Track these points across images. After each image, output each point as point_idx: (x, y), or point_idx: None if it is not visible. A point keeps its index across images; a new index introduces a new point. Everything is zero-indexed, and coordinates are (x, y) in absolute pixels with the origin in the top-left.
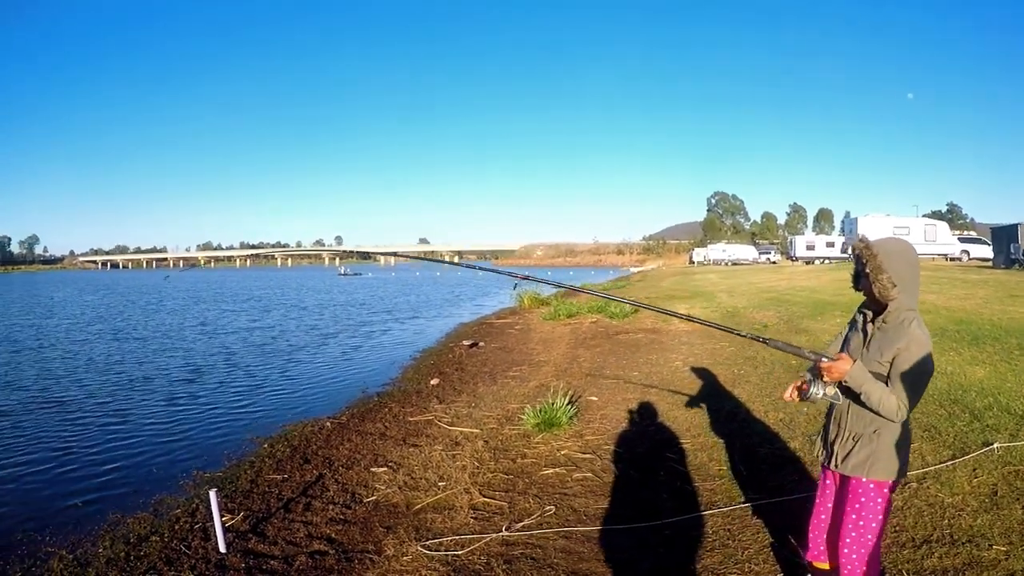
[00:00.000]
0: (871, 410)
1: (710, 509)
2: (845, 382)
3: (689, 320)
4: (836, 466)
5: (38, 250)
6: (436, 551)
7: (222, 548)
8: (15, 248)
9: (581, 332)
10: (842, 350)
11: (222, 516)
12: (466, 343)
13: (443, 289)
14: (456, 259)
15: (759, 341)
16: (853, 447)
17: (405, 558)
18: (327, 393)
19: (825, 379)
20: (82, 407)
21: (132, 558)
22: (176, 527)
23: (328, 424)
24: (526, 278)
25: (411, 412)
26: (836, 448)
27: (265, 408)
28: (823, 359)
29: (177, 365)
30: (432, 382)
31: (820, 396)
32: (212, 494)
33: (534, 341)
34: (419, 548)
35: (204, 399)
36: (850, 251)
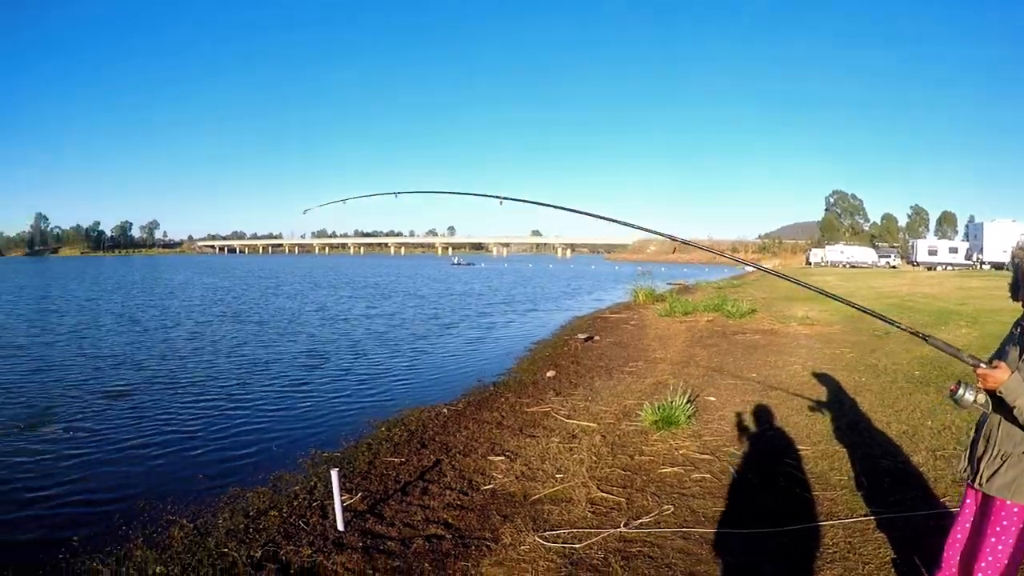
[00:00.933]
0: (1023, 428)
1: (830, 519)
2: (999, 393)
3: (883, 319)
4: (980, 485)
5: (158, 235)
6: (553, 543)
7: (340, 526)
8: (136, 232)
9: (697, 330)
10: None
11: (341, 495)
12: (581, 336)
13: (558, 282)
14: (569, 252)
15: (919, 336)
16: (1000, 466)
17: (523, 547)
18: (443, 381)
19: (978, 385)
20: (205, 386)
21: (251, 531)
22: (295, 503)
23: (445, 411)
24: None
25: (527, 403)
26: (982, 466)
27: (382, 393)
28: (980, 365)
29: (297, 348)
30: (548, 374)
31: (970, 401)
32: (333, 473)
33: (649, 337)
34: (536, 539)
35: (323, 382)
36: (1009, 259)
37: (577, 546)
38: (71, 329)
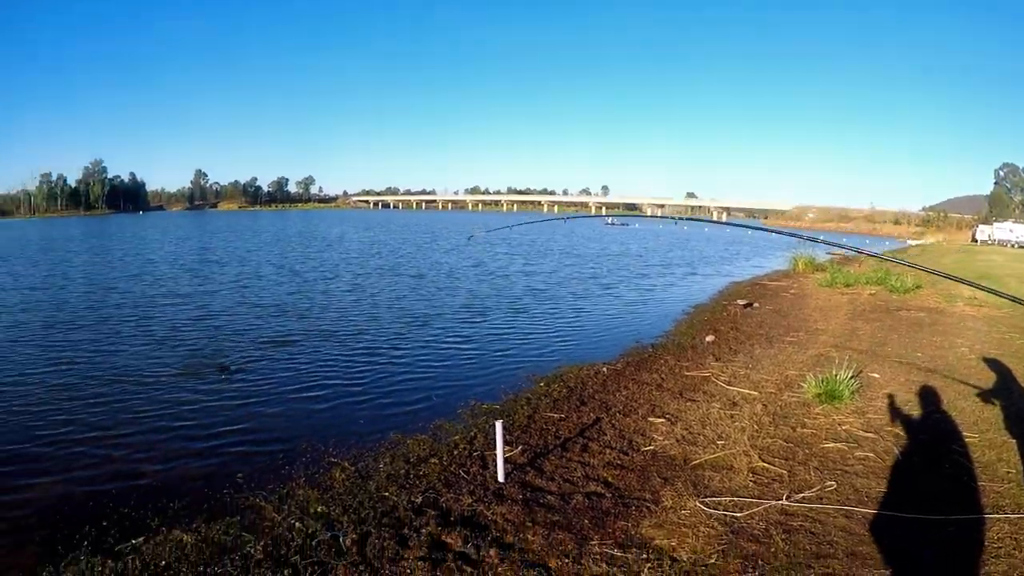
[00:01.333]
0: None
1: (996, 513)
2: None
3: None
4: None
5: (313, 190)
6: (714, 509)
7: (500, 478)
8: (292, 188)
9: (859, 303)
10: None
11: (503, 447)
12: (741, 303)
13: (715, 246)
14: (724, 216)
15: None
16: None
17: (683, 511)
18: (601, 340)
19: None
20: (365, 337)
21: (411, 476)
22: (455, 452)
23: (604, 370)
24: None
25: (687, 367)
26: None
27: (540, 349)
28: None
29: (455, 303)
30: (707, 339)
31: None
32: (498, 425)
33: (810, 308)
34: (698, 504)
35: (481, 336)
36: None
37: (738, 515)
38: (233, 279)
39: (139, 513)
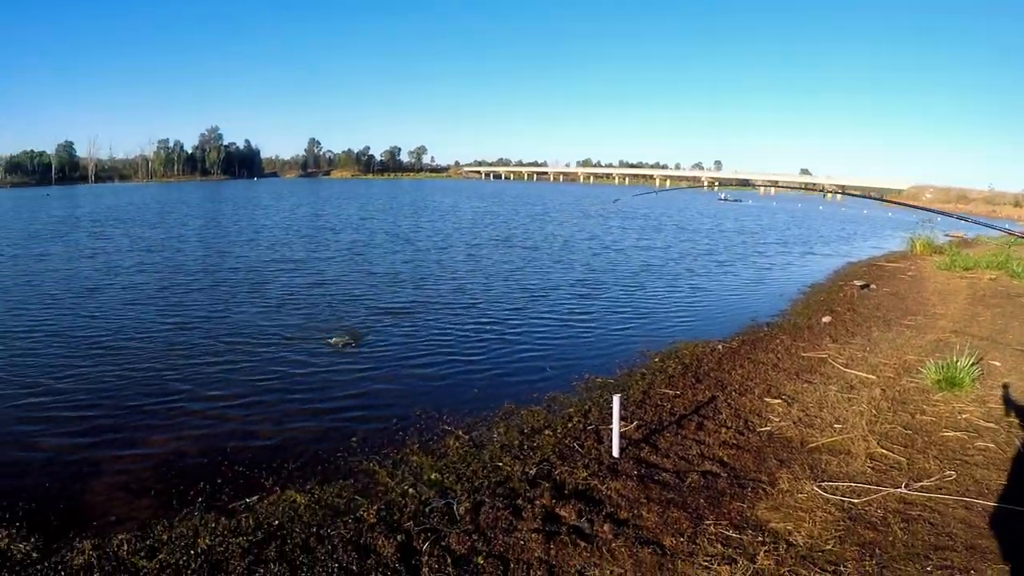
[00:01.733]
0: None
1: None
2: None
3: None
4: None
5: (425, 159)
6: (831, 495)
7: (615, 452)
8: (404, 157)
9: (979, 288)
10: None
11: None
12: (857, 283)
13: (831, 225)
14: (839, 195)
15: None
16: None
17: (800, 495)
18: (716, 317)
19: None
20: (480, 307)
21: (525, 447)
22: (569, 425)
23: (720, 348)
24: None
25: (803, 347)
26: None
27: (655, 324)
28: None
29: (570, 276)
30: (824, 319)
31: None
32: (615, 399)
33: (928, 291)
34: (815, 488)
35: (595, 310)
36: None
37: (856, 501)
38: (347, 247)
39: (253, 472)
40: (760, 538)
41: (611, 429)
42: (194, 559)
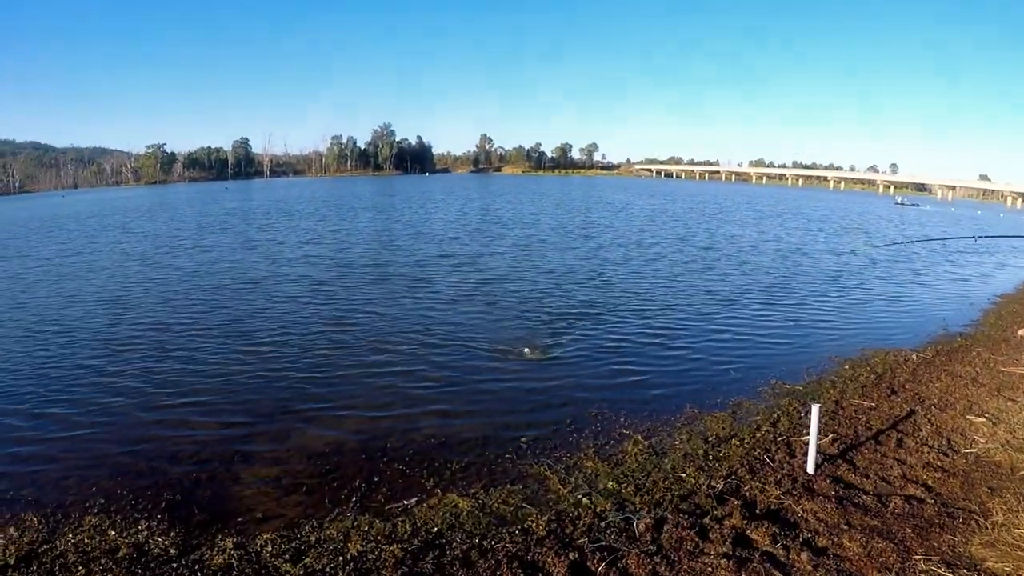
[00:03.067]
0: None
1: None
2: None
3: None
4: None
5: (596, 156)
6: None
7: (810, 469)
8: (575, 154)
9: None
10: None
11: (807, 433)
12: None
13: (1006, 232)
14: (1020, 202)
15: None
16: None
17: (1018, 531)
18: (904, 324)
19: None
20: (662, 307)
21: (711, 458)
22: (757, 435)
23: (914, 357)
24: None
25: (1002, 361)
26: None
27: (843, 330)
28: None
29: (754, 278)
30: (1020, 332)
31: None
32: (815, 409)
33: None
34: None
35: (782, 313)
36: None
37: None
38: (516, 242)
39: (412, 472)
40: None
41: (805, 441)
42: (343, 567)
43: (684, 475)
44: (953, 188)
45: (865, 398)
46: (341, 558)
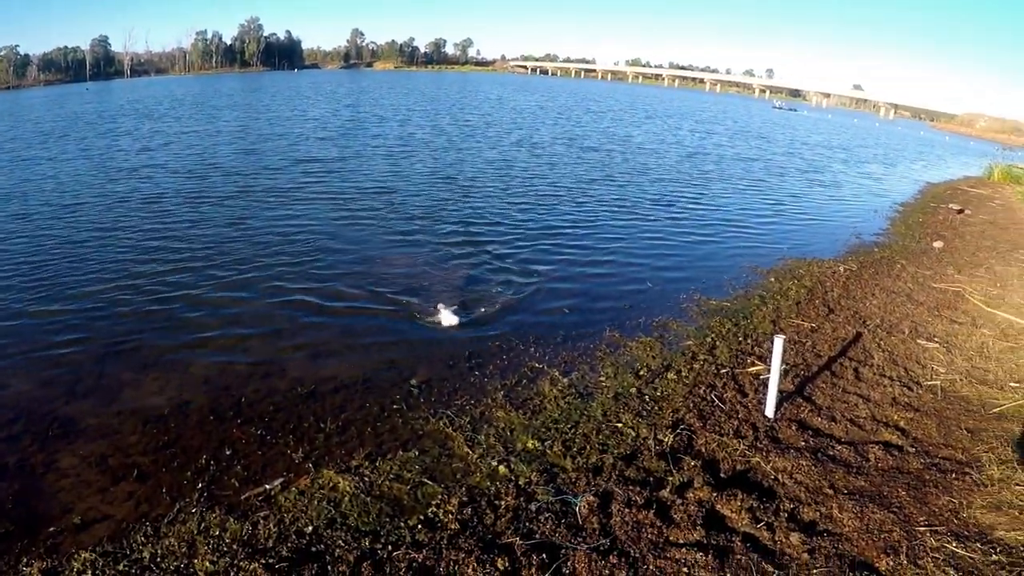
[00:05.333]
0: None
1: None
2: None
3: None
4: None
5: (471, 53)
6: None
7: (769, 412)
8: (449, 50)
9: None
10: None
11: (752, 363)
12: (954, 207)
13: (895, 142)
14: (892, 113)
15: None
16: None
17: (1018, 487)
18: (817, 232)
19: None
20: (559, 214)
21: (648, 399)
22: (695, 366)
23: (841, 269)
24: None
25: (930, 277)
26: None
27: (756, 238)
28: None
29: (652, 182)
30: (935, 244)
31: None
32: (778, 343)
33: None
34: None
35: (689, 219)
36: None
37: None
38: (392, 143)
39: (276, 438)
40: (995, 557)
41: (752, 374)
42: None
43: (621, 425)
44: (828, 96)
45: (803, 317)
46: None
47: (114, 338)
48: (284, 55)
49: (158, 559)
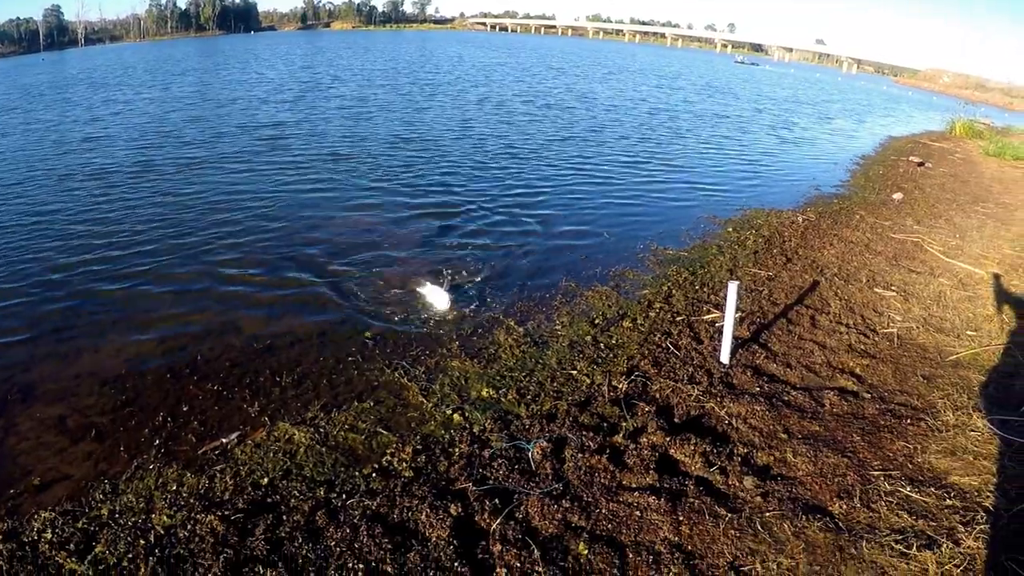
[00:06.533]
0: None
1: None
2: None
3: None
4: None
5: (429, 10)
6: (1010, 435)
7: (725, 358)
8: (407, 8)
9: None
10: None
11: (708, 311)
12: (914, 160)
13: (858, 97)
14: (855, 68)
15: None
16: None
17: (973, 433)
18: (776, 183)
19: None
20: (520, 165)
21: (603, 347)
22: (651, 314)
23: (799, 219)
24: None
25: (888, 227)
26: None
27: (715, 188)
28: None
29: (615, 134)
30: (895, 196)
31: None
32: (732, 288)
33: (986, 177)
34: (987, 424)
35: (648, 170)
36: None
37: None
38: (344, 103)
39: (232, 393)
40: (949, 501)
41: (708, 322)
42: (145, 557)
43: (576, 372)
44: (790, 50)
45: (760, 266)
46: (143, 542)
47: (70, 306)
48: (240, 18)
49: (117, 515)
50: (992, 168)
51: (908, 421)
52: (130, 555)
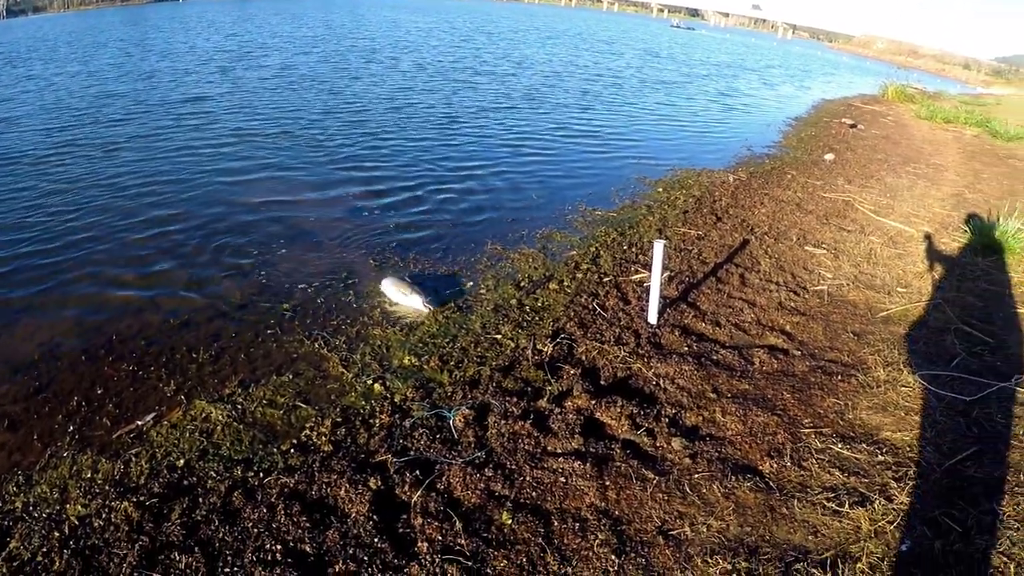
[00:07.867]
0: None
1: None
2: None
3: None
4: None
5: None
6: (939, 389)
7: (652, 318)
8: None
9: (966, 144)
10: None
11: (636, 271)
12: (847, 122)
13: (794, 61)
14: (791, 34)
15: None
16: None
17: (904, 388)
18: (708, 144)
19: None
20: (442, 127)
21: (528, 310)
22: (578, 276)
23: (731, 179)
24: None
25: (820, 187)
26: None
27: (643, 146)
28: None
29: (548, 97)
30: (827, 156)
31: None
32: (658, 247)
33: (917, 139)
34: (917, 379)
35: (576, 131)
36: None
37: (967, 399)
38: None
39: (148, 373)
40: (881, 457)
41: (635, 282)
42: (59, 549)
43: (500, 336)
44: (727, 16)
45: (690, 225)
46: (58, 533)
47: None
48: None
49: (30, 508)
50: (924, 131)
51: (839, 378)
52: (44, 549)
